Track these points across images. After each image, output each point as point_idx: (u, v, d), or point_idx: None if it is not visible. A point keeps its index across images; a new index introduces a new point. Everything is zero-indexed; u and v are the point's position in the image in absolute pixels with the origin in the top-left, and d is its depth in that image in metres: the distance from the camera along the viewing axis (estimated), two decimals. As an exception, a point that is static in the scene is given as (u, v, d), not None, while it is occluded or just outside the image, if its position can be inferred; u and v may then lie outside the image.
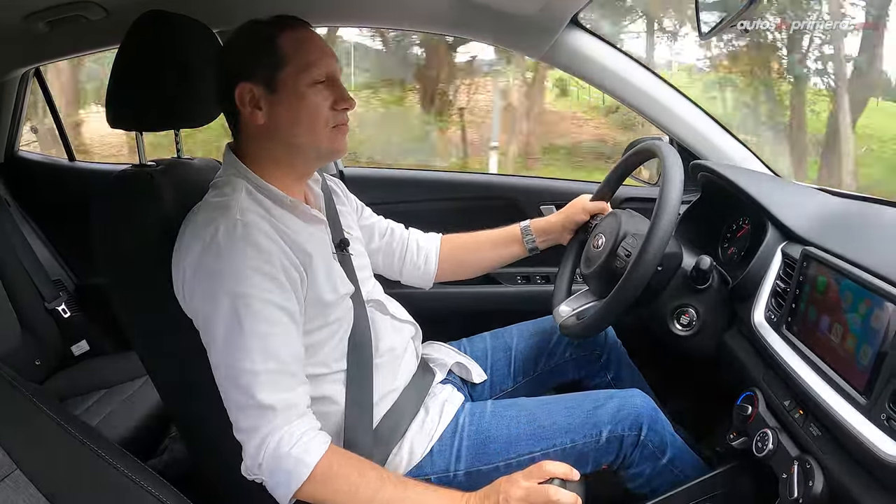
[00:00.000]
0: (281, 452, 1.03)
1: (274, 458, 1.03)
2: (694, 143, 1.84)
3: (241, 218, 1.08)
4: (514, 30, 1.74)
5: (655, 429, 1.27)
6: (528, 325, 1.63)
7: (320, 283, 1.16)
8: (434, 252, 1.58)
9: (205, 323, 1.08)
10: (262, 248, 1.07)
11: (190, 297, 1.09)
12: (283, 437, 1.04)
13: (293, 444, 1.03)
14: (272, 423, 1.04)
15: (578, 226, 1.58)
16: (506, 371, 1.55)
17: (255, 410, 1.04)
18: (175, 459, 1.69)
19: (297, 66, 1.13)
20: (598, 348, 1.57)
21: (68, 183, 2.36)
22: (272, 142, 1.17)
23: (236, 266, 1.04)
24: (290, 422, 1.05)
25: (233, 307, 1.04)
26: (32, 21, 1.54)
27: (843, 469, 0.94)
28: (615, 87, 1.83)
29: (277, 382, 1.05)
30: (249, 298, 1.04)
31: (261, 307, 1.05)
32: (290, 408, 1.06)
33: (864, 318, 0.95)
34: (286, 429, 1.04)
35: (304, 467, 1.03)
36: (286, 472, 1.03)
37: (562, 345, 1.56)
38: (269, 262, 1.07)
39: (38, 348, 2.01)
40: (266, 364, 1.05)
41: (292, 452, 1.03)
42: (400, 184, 2.24)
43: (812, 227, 1.23)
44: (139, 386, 1.91)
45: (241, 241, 1.05)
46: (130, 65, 1.23)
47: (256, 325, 1.04)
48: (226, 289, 1.04)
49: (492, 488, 1.08)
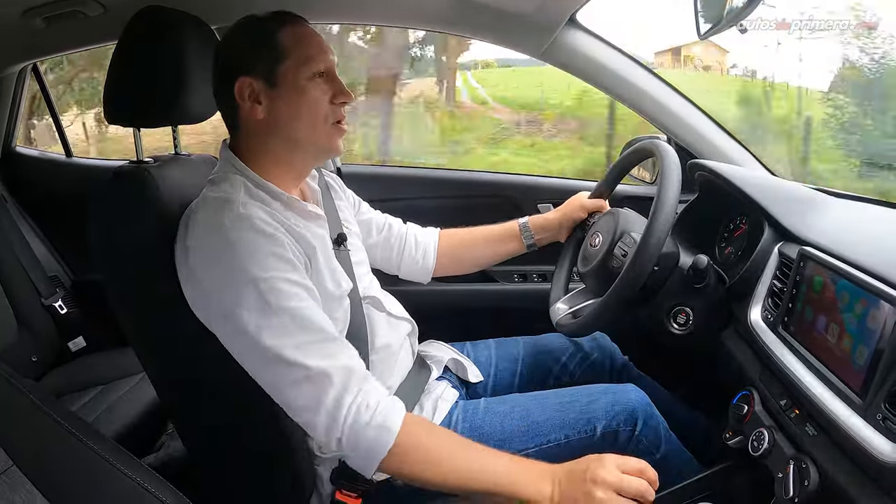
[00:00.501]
0: (361, 423, 1.01)
1: (353, 430, 1.00)
2: (692, 142, 1.84)
3: (243, 210, 1.07)
4: (513, 28, 1.74)
5: (650, 424, 1.28)
6: (534, 340, 1.62)
7: (323, 277, 1.16)
8: (432, 246, 1.59)
9: (230, 316, 1.04)
10: (270, 235, 1.06)
11: (204, 294, 1.07)
12: (360, 406, 1.01)
13: (373, 413, 1.01)
14: (334, 389, 1.01)
15: (576, 223, 1.59)
16: (510, 381, 1.54)
17: (310, 383, 1.01)
18: (171, 456, 1.69)
19: (297, 59, 1.13)
20: (607, 372, 1.57)
21: (65, 179, 2.36)
22: (271, 137, 1.17)
23: (251, 254, 1.03)
24: (358, 387, 1.03)
25: (258, 291, 1.02)
26: (30, 17, 1.54)
27: (839, 469, 0.94)
28: (613, 85, 1.83)
29: (324, 349, 1.04)
30: (272, 280, 1.03)
31: (285, 286, 1.04)
32: (348, 372, 1.03)
33: (861, 318, 0.95)
34: (360, 397, 1.02)
35: (388, 434, 1.01)
36: (369, 443, 1.01)
37: (571, 366, 1.57)
38: (281, 246, 1.06)
39: (35, 344, 2.01)
40: (307, 335, 1.03)
41: (374, 421, 1.01)
42: (397, 181, 2.24)
43: (809, 227, 1.23)
44: (136, 382, 1.91)
45: (250, 231, 1.05)
46: (128, 61, 1.22)
47: (285, 302, 1.03)
48: (246, 276, 1.02)
49: (578, 464, 1.04)
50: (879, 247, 1.12)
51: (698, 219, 1.61)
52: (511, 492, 1.03)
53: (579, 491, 1.00)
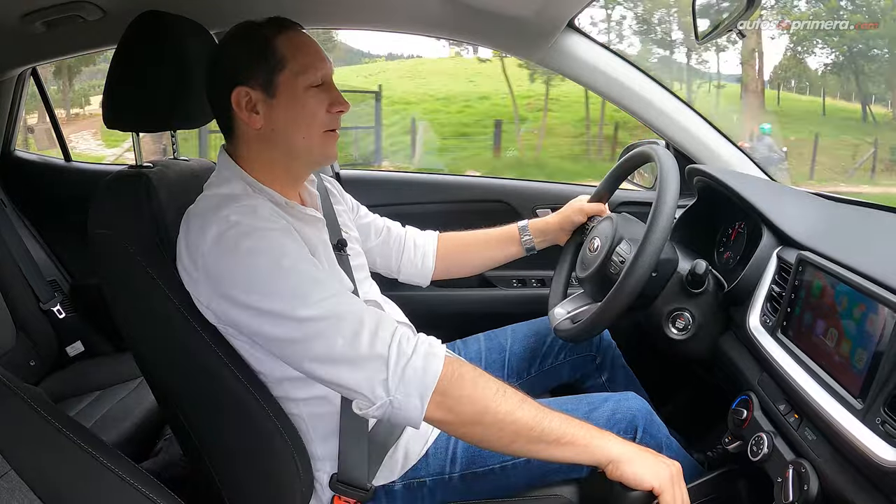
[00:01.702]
0: (406, 353, 0.98)
1: (399, 363, 0.97)
2: (690, 147, 1.84)
3: (249, 202, 1.07)
4: (511, 33, 1.74)
5: (651, 431, 1.27)
6: (522, 326, 1.63)
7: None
8: (431, 250, 1.59)
9: (246, 298, 1.01)
10: (276, 222, 1.06)
11: (214, 281, 1.04)
12: (402, 340, 0.99)
13: (416, 343, 1.00)
14: (368, 324, 0.99)
15: (575, 227, 1.59)
16: (500, 373, 1.55)
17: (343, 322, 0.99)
18: (170, 461, 1.69)
19: (295, 69, 1.13)
20: (593, 350, 1.57)
21: (64, 183, 2.35)
22: (268, 145, 1.16)
23: (258, 233, 1.02)
24: (393, 325, 1.01)
25: (269, 263, 1.00)
26: (29, 21, 1.54)
27: (839, 473, 0.94)
28: (612, 90, 1.83)
29: (347, 297, 1.03)
30: (283, 251, 1.02)
31: (299, 259, 1.03)
32: (378, 315, 1.02)
33: (860, 322, 0.95)
34: (399, 331, 1.00)
35: (436, 360, 0.99)
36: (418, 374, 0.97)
37: (556, 347, 1.57)
38: (289, 233, 1.06)
39: (33, 349, 2.01)
40: (329, 291, 1.01)
41: (419, 349, 0.99)
42: (396, 186, 2.24)
43: (807, 232, 1.23)
44: (134, 387, 1.91)
45: (258, 219, 1.04)
46: (127, 65, 1.23)
47: (302, 265, 1.02)
48: (257, 250, 1.01)
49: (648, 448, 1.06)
50: (878, 251, 1.12)
51: (697, 224, 1.61)
52: (580, 440, 1.02)
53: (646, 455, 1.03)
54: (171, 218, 1.13)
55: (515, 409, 1.00)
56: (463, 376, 1.00)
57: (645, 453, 1.03)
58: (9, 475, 0.76)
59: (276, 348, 1.04)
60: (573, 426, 1.02)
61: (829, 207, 1.44)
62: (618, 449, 1.02)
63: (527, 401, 1.02)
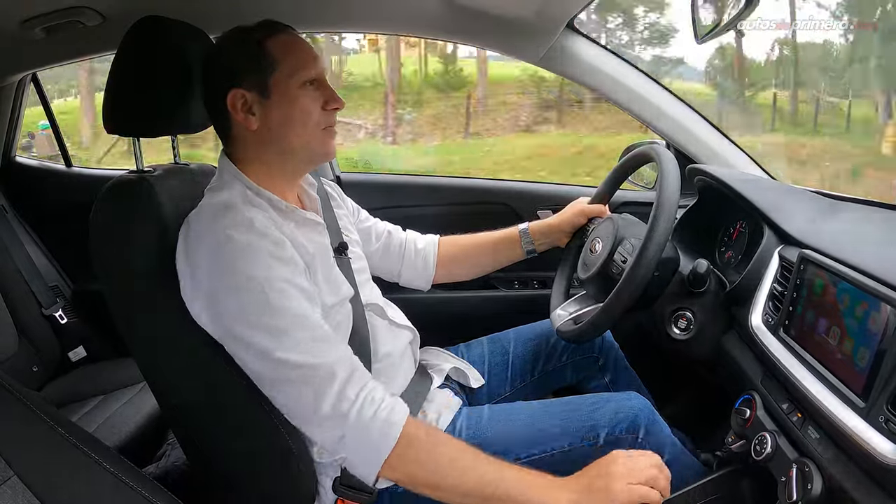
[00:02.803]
0: (366, 416, 1.00)
1: (358, 424, 0.99)
2: (691, 147, 1.85)
3: (246, 213, 1.08)
4: (510, 34, 1.74)
5: (653, 431, 1.27)
6: (525, 329, 1.63)
7: (321, 286, 1.15)
8: (432, 253, 1.59)
9: (227, 317, 1.04)
10: (271, 237, 1.06)
11: (202, 299, 1.06)
12: (365, 401, 1.00)
13: (377, 407, 1.00)
14: (338, 383, 1.01)
15: (576, 229, 1.59)
16: (504, 375, 1.54)
17: (312, 380, 1.01)
18: (173, 466, 1.68)
19: (288, 69, 1.14)
20: (596, 351, 1.57)
21: (65, 189, 2.35)
22: (265, 146, 1.17)
23: (252, 256, 1.03)
24: (362, 381, 1.02)
25: (256, 294, 1.02)
26: (29, 27, 1.54)
27: (842, 472, 0.94)
28: (612, 91, 1.84)
29: (325, 346, 1.03)
30: (272, 280, 1.03)
31: (285, 287, 1.04)
32: (351, 367, 1.03)
33: (862, 320, 0.95)
34: (365, 391, 1.01)
35: (394, 429, 1.00)
36: (374, 438, 0.99)
37: (559, 348, 1.56)
38: (282, 248, 1.07)
39: (36, 354, 2.01)
40: (307, 332, 1.03)
41: (379, 415, 1.00)
42: (396, 189, 2.24)
43: (809, 230, 1.23)
44: (137, 392, 1.91)
45: (251, 233, 1.05)
46: (127, 70, 1.23)
47: (287, 302, 1.03)
48: (247, 277, 1.02)
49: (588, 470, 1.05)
50: (879, 249, 1.12)
51: (698, 223, 1.61)
52: (524, 501, 1.02)
53: (597, 491, 1.01)
54: (172, 223, 1.13)
55: (466, 479, 1.02)
56: (418, 445, 1.03)
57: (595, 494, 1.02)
58: (12, 480, 0.76)
59: (249, 373, 1.06)
60: (527, 486, 1.03)
61: (830, 205, 1.44)
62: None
63: (480, 464, 1.04)
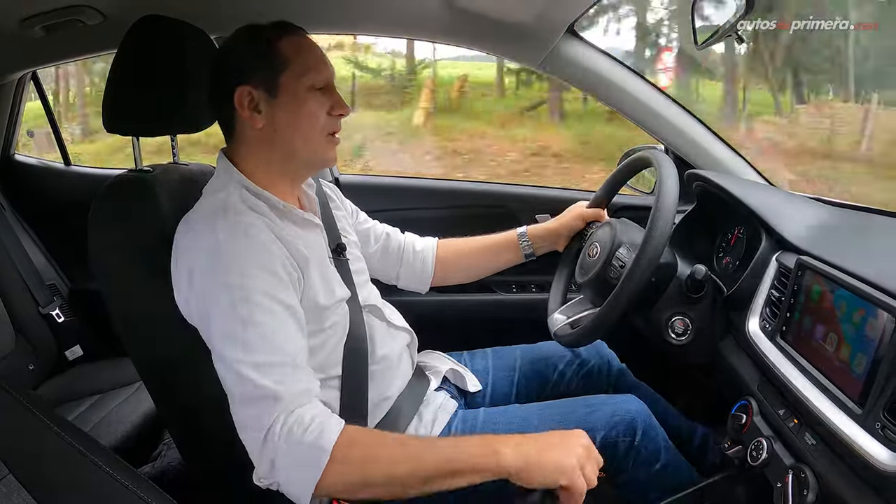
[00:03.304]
0: (294, 441, 0.97)
1: (285, 451, 0.97)
2: (689, 152, 1.85)
3: (239, 217, 1.08)
4: (510, 39, 1.75)
5: (650, 435, 1.27)
6: (531, 349, 1.61)
7: (316, 288, 1.15)
8: (431, 256, 1.58)
9: (206, 320, 1.05)
10: (261, 244, 1.06)
11: (192, 299, 1.07)
12: (294, 425, 0.98)
13: (305, 430, 0.98)
14: (277, 411, 0.99)
15: (574, 233, 1.59)
16: (508, 391, 1.53)
17: (258, 400, 0.99)
18: (169, 466, 1.68)
19: (298, 70, 1.14)
20: (604, 381, 1.56)
21: (64, 187, 2.35)
22: (269, 146, 1.17)
23: (237, 261, 1.03)
24: (299, 406, 1.01)
25: (233, 301, 1.02)
26: (29, 25, 1.54)
27: (838, 478, 0.94)
28: (611, 96, 1.84)
29: (283, 373, 1.02)
30: (250, 292, 1.02)
31: (262, 300, 1.03)
32: (297, 395, 1.01)
33: (859, 326, 0.95)
34: (296, 413, 0.99)
35: (322, 453, 0.97)
36: (304, 464, 0.97)
37: (567, 375, 1.55)
38: (270, 258, 1.06)
39: (32, 353, 2.00)
40: (270, 356, 1.02)
41: (306, 439, 0.97)
42: (395, 191, 2.24)
43: (806, 237, 1.23)
44: (133, 391, 1.91)
45: (243, 239, 1.05)
46: (127, 69, 1.23)
47: (258, 316, 1.02)
48: (227, 284, 1.02)
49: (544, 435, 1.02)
50: (877, 256, 1.12)
51: (696, 229, 1.61)
52: (471, 467, 0.98)
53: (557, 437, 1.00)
54: (170, 222, 1.13)
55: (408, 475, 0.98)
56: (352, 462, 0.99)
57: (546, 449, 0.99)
58: (7, 479, 0.76)
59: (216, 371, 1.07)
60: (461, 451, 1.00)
61: (828, 212, 1.44)
62: (511, 458, 0.98)
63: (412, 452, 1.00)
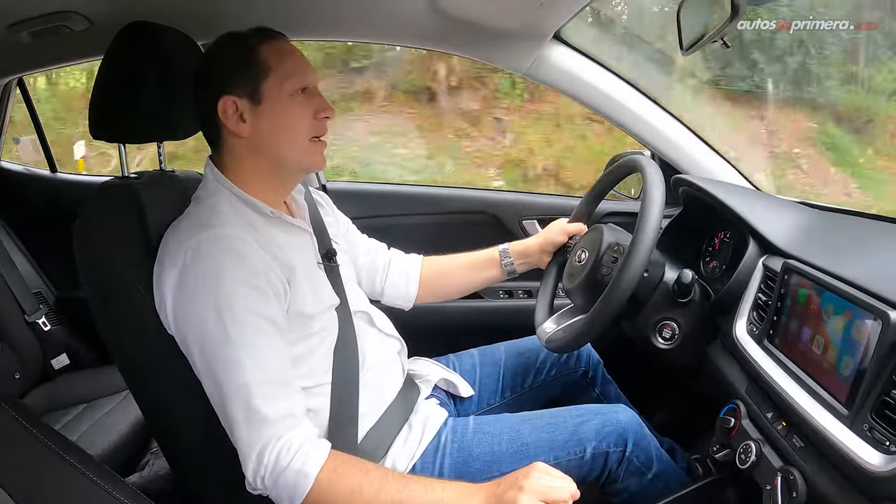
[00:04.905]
0: (280, 466, 1.00)
1: (273, 474, 1.01)
2: (675, 157, 1.86)
3: (223, 230, 1.07)
4: (497, 45, 1.75)
5: (641, 444, 1.27)
6: (515, 343, 1.62)
7: (302, 295, 1.15)
8: (415, 274, 1.58)
9: (192, 338, 1.06)
10: (245, 259, 1.06)
11: (174, 314, 1.07)
12: (281, 450, 1.01)
13: (292, 457, 1.01)
14: (268, 434, 1.02)
15: (557, 248, 1.58)
16: (494, 387, 1.54)
17: (251, 423, 1.02)
18: (157, 475, 1.67)
19: (280, 76, 1.13)
20: (583, 366, 1.57)
21: (50, 194, 2.33)
22: (255, 153, 1.16)
23: (220, 279, 1.03)
24: (288, 431, 1.03)
25: (219, 320, 1.02)
26: (15, 31, 1.53)
27: (827, 480, 0.95)
28: (598, 102, 1.85)
29: (271, 393, 1.03)
30: (235, 310, 1.03)
31: (249, 318, 1.04)
32: (286, 417, 1.03)
33: (845, 329, 0.96)
34: (284, 439, 1.02)
35: (306, 479, 1.00)
36: (289, 487, 1.01)
37: (548, 363, 1.56)
38: (254, 273, 1.06)
39: (18, 361, 1.98)
40: (258, 375, 1.03)
41: (292, 465, 1.00)
42: (382, 198, 2.23)
43: (793, 240, 1.24)
44: (120, 400, 1.89)
45: (225, 254, 1.05)
46: (114, 76, 1.22)
47: (245, 336, 1.03)
48: (211, 302, 1.02)
49: (507, 476, 1.03)
50: (863, 259, 1.13)
51: (683, 233, 1.62)
52: None
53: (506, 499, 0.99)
54: (156, 229, 1.13)
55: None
56: (337, 491, 1.02)
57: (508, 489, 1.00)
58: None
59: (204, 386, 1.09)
60: (438, 499, 1.02)
61: (814, 215, 1.46)
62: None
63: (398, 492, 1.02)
